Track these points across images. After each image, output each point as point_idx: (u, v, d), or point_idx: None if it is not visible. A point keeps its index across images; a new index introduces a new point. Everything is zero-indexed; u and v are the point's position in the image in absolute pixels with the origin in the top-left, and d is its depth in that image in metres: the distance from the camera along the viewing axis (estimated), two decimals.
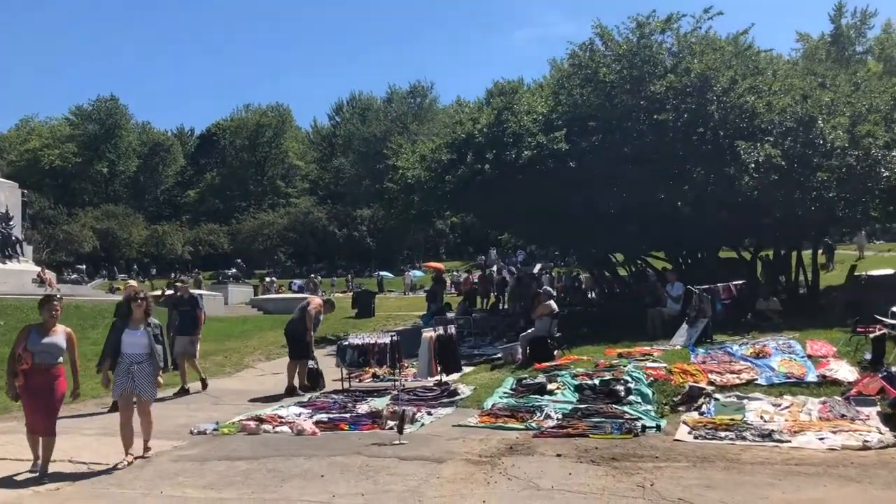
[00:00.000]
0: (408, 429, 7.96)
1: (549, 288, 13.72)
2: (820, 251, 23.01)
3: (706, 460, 6.88)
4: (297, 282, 53.90)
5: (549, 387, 10.59)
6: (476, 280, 30.83)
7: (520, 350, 13.16)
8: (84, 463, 7.33)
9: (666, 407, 9.68)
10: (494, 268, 41.20)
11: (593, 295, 29.32)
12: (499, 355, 14.09)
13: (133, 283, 16.57)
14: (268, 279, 50.86)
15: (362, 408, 10.20)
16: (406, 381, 12.60)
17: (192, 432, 8.69)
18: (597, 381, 10.68)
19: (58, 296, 7.36)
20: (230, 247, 72.56)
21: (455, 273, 57.65)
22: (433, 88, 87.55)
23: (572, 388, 10.59)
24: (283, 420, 9.32)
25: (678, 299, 15.29)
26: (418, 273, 57.73)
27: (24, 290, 26.94)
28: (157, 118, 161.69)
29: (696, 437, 8.00)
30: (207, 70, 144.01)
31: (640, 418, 9.03)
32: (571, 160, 17.42)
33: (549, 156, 17.50)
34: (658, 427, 8.49)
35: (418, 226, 25.10)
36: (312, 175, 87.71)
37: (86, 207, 74.62)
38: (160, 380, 7.67)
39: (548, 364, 12.15)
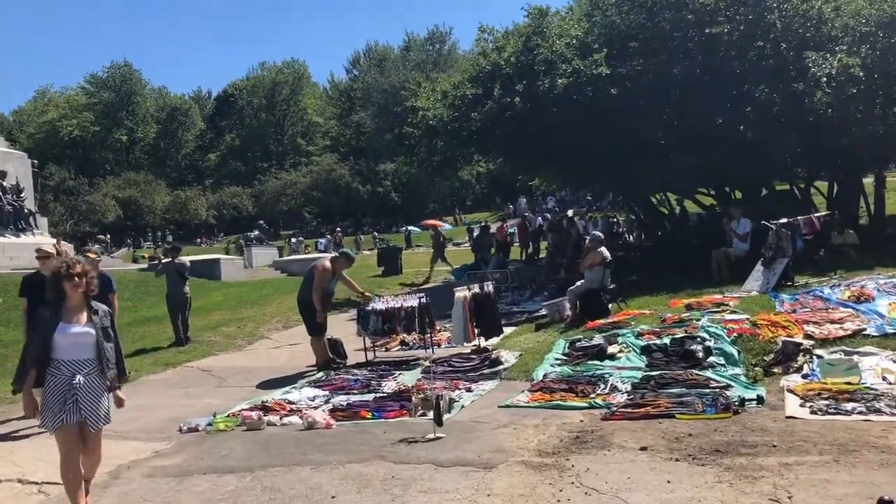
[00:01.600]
0: (445, 416, 6.24)
1: (598, 232, 11.83)
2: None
3: (846, 450, 5.09)
4: (323, 240, 52.59)
5: (610, 349, 8.82)
6: (510, 229, 29.09)
7: (568, 306, 11.39)
8: (36, 483, 5.77)
9: (757, 369, 7.86)
10: (527, 215, 39.42)
11: (631, 238, 27.45)
12: (543, 312, 12.33)
13: (92, 250, 14.90)
14: (294, 240, 49.52)
15: (388, 385, 8.55)
16: (438, 347, 10.94)
17: (181, 429, 7.10)
18: (667, 341, 8.90)
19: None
20: (254, 209, 71.36)
21: (472, 227, 56.00)
22: (452, 33, 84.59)
23: (638, 351, 8.82)
24: (292, 408, 7.69)
25: (746, 237, 13.35)
26: (447, 226, 56.02)
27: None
28: (173, 82, 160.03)
29: (813, 412, 6.19)
30: (220, 29, 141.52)
31: (730, 385, 7.26)
32: (613, 87, 15.36)
33: (587, 83, 15.46)
34: (760, 399, 6.68)
35: (443, 174, 23.11)
36: (333, 132, 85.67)
37: (107, 177, 73.63)
38: (120, 395, 5.16)
39: (603, 321, 10.38)
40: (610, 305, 11.16)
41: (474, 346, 10.31)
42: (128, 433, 7.14)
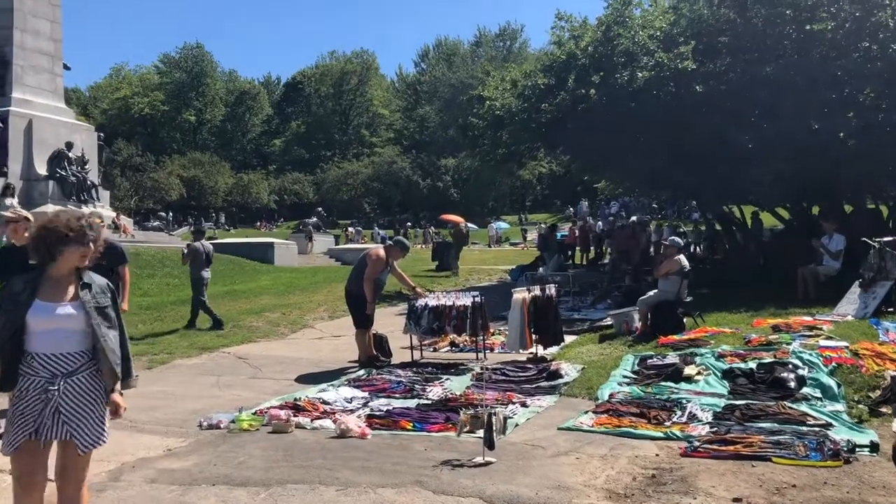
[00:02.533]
0: (498, 438, 5.33)
1: (677, 238, 10.74)
2: None
3: None
4: (381, 231, 52.15)
5: (687, 371, 7.78)
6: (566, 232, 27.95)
7: (637, 317, 10.34)
8: None
9: (860, 406, 6.73)
10: (589, 219, 38.13)
11: (699, 250, 26.11)
12: (608, 322, 11.29)
13: (95, 213, 14.30)
14: (351, 229, 49.25)
15: (434, 391, 7.69)
16: (490, 351, 10.03)
17: (201, 425, 6.37)
18: (753, 365, 7.81)
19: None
20: (315, 196, 71.56)
21: (542, 225, 54.77)
22: (523, 31, 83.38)
23: (719, 375, 7.76)
24: (326, 409, 6.90)
25: (838, 255, 12.06)
26: (504, 225, 54.93)
27: None
28: (243, 67, 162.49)
29: None
30: (292, 17, 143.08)
31: (831, 424, 6.17)
32: (697, 84, 14.21)
33: (669, 78, 14.33)
34: (874, 446, 5.59)
35: (506, 168, 22.12)
36: (397, 124, 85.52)
37: (173, 156, 74.77)
38: (118, 400, 3.71)
39: (677, 338, 9.33)
40: (685, 320, 10.08)
41: (531, 354, 9.38)
42: (144, 424, 6.46)
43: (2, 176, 25.11)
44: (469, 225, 54.58)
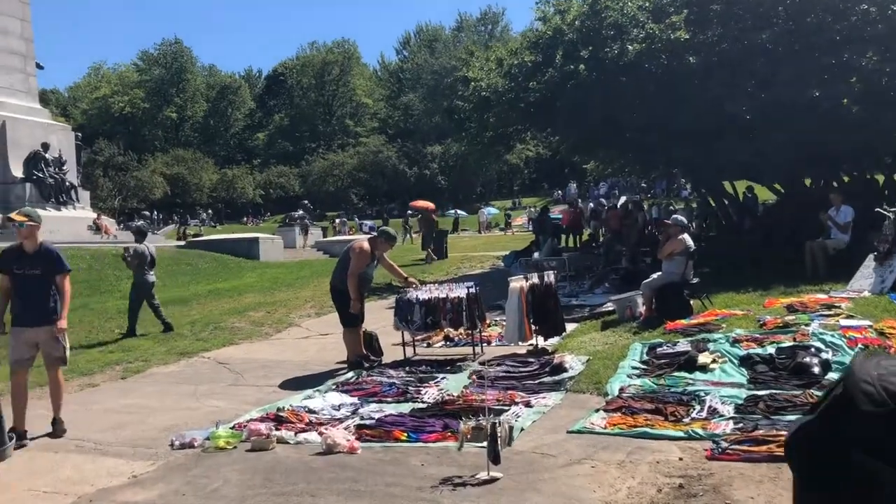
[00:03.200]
0: (503, 449, 4.72)
1: (680, 217, 10.13)
2: None
3: None
4: (368, 222, 51.42)
5: (701, 359, 7.20)
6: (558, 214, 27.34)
7: (641, 302, 9.77)
8: None
9: None
10: (580, 201, 37.53)
11: (692, 227, 25.67)
12: (609, 307, 10.71)
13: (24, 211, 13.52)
14: (338, 220, 48.51)
15: (429, 393, 7.08)
16: (487, 344, 9.44)
17: (172, 444, 5.74)
18: (771, 350, 7.25)
19: None
20: (301, 189, 70.73)
21: (532, 209, 54.18)
22: (505, 14, 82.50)
23: (736, 362, 7.19)
24: (311, 419, 6.29)
25: (847, 227, 11.53)
26: (493, 210, 54.29)
27: (79, 237, 25.26)
28: (224, 61, 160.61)
29: None
30: (271, 8, 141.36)
31: None
32: (691, 54, 13.61)
33: (661, 49, 13.72)
34: None
35: (494, 152, 21.43)
36: (381, 113, 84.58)
37: (156, 153, 73.69)
38: None
39: (685, 322, 8.76)
40: (692, 303, 9.52)
41: (530, 346, 8.80)
42: (110, 445, 5.83)
43: None
44: (459, 212, 54.20)
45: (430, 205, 28.12)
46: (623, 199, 37.83)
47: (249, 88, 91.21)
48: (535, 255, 15.77)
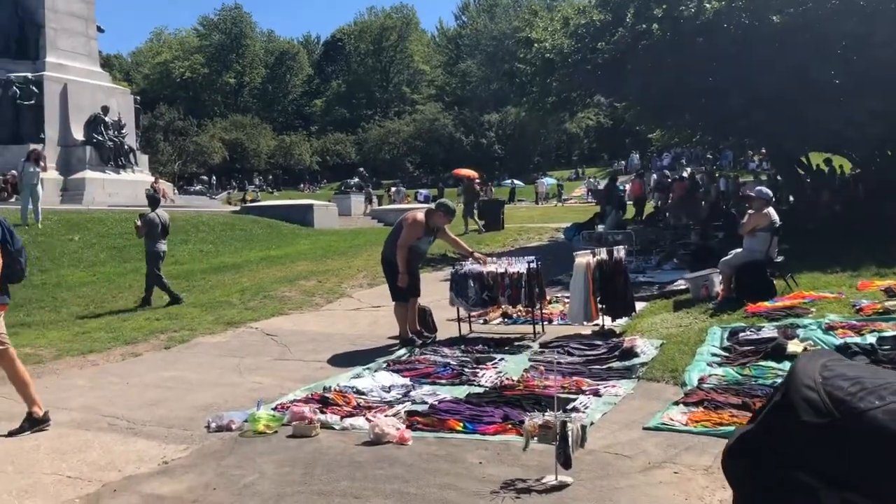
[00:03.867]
0: (574, 452, 4.11)
1: (765, 189, 9.20)
2: None
3: None
4: (424, 191, 50.97)
5: (790, 347, 6.43)
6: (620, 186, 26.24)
7: (718, 281, 8.99)
8: None
9: None
10: (643, 172, 36.29)
11: None
12: (681, 285, 9.94)
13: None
14: (393, 189, 48.15)
15: (487, 375, 6.51)
16: (549, 323, 8.79)
17: (208, 426, 5.30)
18: (872, 340, 6.45)
19: None
20: (357, 156, 70.58)
21: (592, 180, 52.88)
22: None
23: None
24: (359, 403, 5.78)
25: None
26: (551, 181, 53.16)
27: (137, 201, 25.29)
28: (283, 27, 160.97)
29: None
30: None
31: None
32: (775, 13, 12.53)
33: (742, 8, 12.68)
34: None
35: (556, 118, 20.50)
36: (438, 80, 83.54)
37: (215, 119, 74.34)
38: None
39: (769, 305, 7.97)
40: (775, 283, 8.70)
41: (596, 326, 8.14)
42: (143, 425, 5.43)
43: (40, 142, 24.60)
44: (515, 181, 53.23)
45: (474, 173, 27.18)
46: (688, 170, 36.52)
47: (307, 54, 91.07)
48: (599, 227, 15.00)
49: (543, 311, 8.73)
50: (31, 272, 11.23)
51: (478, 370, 6.69)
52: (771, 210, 8.63)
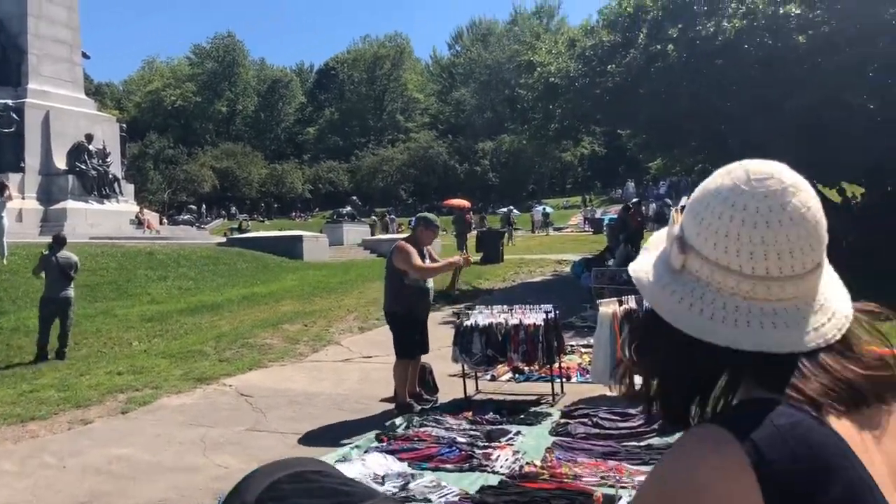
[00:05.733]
0: None
1: None
2: None
3: None
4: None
5: None
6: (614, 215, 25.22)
7: None
8: None
9: None
10: (634, 200, 35.35)
11: None
12: None
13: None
14: (387, 217, 47.09)
15: (502, 457, 5.34)
16: (567, 380, 7.64)
17: None
18: None
19: None
20: (350, 184, 69.70)
21: (587, 208, 51.98)
22: (561, 7, 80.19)
23: None
24: None
25: None
26: (547, 209, 52.24)
27: (121, 232, 24.35)
28: (276, 55, 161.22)
29: None
30: (324, 1, 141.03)
31: None
32: (799, 32, 11.58)
33: (765, 28, 11.73)
34: None
35: (558, 146, 19.50)
36: (432, 108, 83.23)
37: (205, 147, 73.48)
38: None
39: None
40: None
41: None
42: None
43: (20, 171, 23.59)
44: (512, 209, 52.38)
45: (465, 203, 26.00)
46: (684, 198, 35.60)
47: (300, 83, 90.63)
48: (610, 262, 13.90)
49: (562, 365, 7.58)
50: None
51: (491, 449, 5.52)
52: None
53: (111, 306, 13.60)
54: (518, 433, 5.94)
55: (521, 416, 6.41)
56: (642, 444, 5.56)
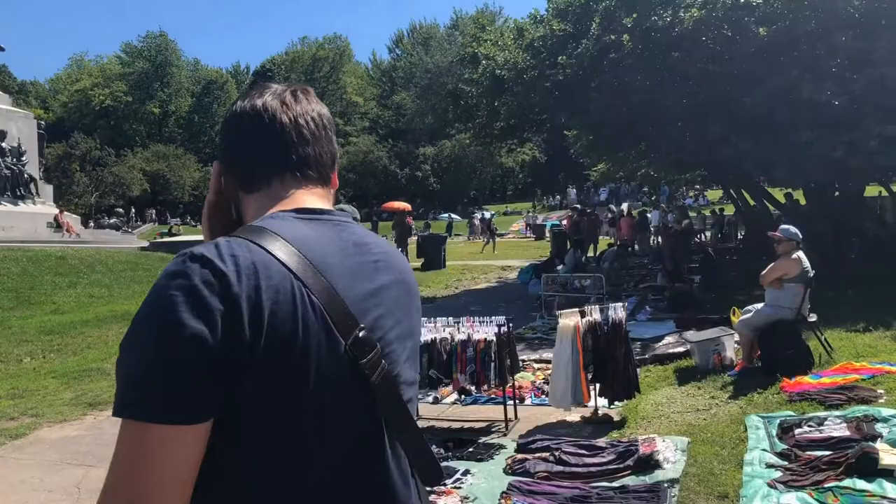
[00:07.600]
0: None
1: (793, 228, 7.21)
2: None
3: None
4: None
5: (886, 459, 4.45)
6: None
7: (729, 346, 7.06)
8: None
9: None
10: (577, 206, 34.88)
11: (704, 238, 23.34)
12: (677, 348, 7.94)
13: None
14: None
15: None
16: (521, 402, 6.68)
17: None
18: None
19: None
20: None
21: (529, 214, 51.48)
22: (503, 12, 79.89)
23: None
24: None
25: None
26: (488, 215, 51.63)
27: (36, 236, 22.58)
28: (212, 56, 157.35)
29: None
30: (261, 1, 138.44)
31: None
32: (759, 24, 10.98)
33: (723, 18, 11.08)
34: None
35: (503, 147, 18.63)
36: (372, 113, 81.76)
37: (136, 149, 70.53)
38: None
39: (812, 382, 6.04)
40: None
41: (585, 411, 6.06)
42: None
43: None
44: (452, 216, 51.59)
45: (405, 205, 24.98)
46: (625, 205, 35.33)
47: (236, 84, 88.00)
48: (559, 268, 13.05)
49: (515, 387, 6.61)
50: None
51: (434, 496, 4.49)
52: (801, 255, 6.74)
53: (6, 316, 12.10)
54: (467, 472, 4.93)
55: (470, 450, 5.40)
56: (615, 484, 4.61)
